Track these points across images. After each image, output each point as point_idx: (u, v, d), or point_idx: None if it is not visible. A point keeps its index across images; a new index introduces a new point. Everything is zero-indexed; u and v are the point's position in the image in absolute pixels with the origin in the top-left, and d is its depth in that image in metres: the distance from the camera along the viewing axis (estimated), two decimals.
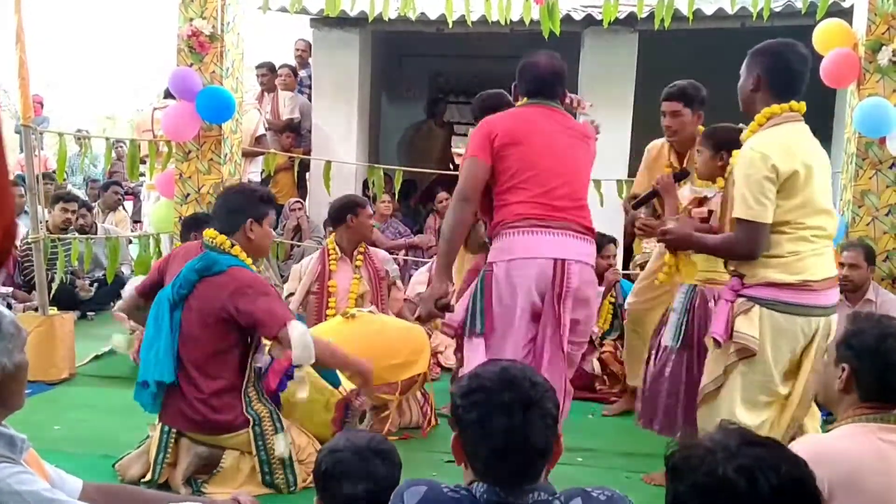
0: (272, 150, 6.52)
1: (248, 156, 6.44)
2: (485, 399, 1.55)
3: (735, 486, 1.25)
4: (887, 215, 4.48)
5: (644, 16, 5.52)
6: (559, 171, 3.04)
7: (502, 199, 3.07)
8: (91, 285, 6.38)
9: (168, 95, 6.38)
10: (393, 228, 7.05)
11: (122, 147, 8.42)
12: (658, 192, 3.38)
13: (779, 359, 2.70)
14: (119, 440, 3.45)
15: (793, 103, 2.75)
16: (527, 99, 3.18)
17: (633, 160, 6.03)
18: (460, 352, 3.45)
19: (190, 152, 5.29)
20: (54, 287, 5.14)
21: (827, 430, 2.05)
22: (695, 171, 3.44)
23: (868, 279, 4.23)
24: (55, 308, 4.84)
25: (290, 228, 6.82)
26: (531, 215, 2.99)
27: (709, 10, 6.53)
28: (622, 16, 6.11)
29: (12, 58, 4.39)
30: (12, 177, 5.11)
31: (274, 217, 3.36)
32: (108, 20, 35.23)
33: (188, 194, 5.31)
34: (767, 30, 5.82)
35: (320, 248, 4.72)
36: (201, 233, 3.43)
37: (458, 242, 3.16)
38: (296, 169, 6.58)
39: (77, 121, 18.55)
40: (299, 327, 3.06)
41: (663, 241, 3.11)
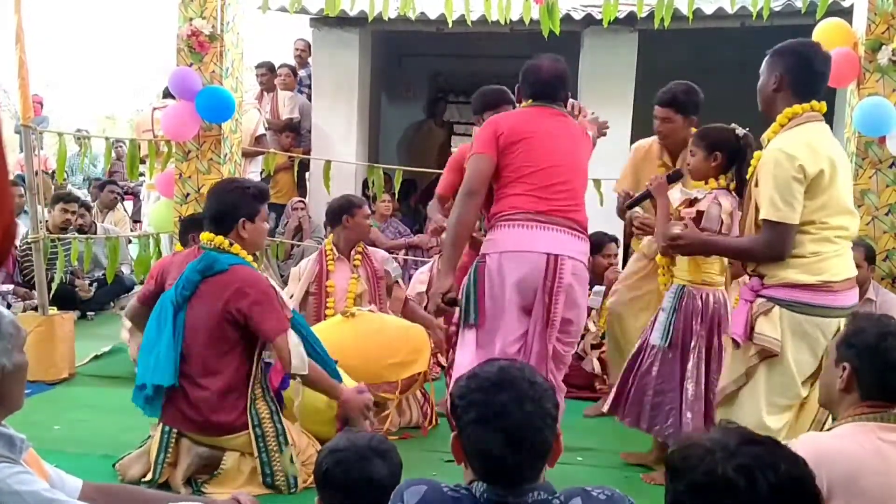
0: (272, 150, 6.52)
1: (248, 155, 6.45)
2: (483, 399, 1.55)
3: (734, 485, 1.25)
4: (887, 215, 4.48)
5: (644, 15, 5.51)
6: (559, 170, 3.07)
7: (501, 192, 3.11)
8: (91, 285, 6.38)
9: (167, 95, 6.38)
10: (393, 228, 7.05)
11: (122, 147, 8.41)
12: (651, 194, 3.37)
13: (799, 360, 2.67)
14: (119, 440, 3.45)
15: (814, 103, 2.73)
16: (530, 101, 3.22)
17: None
18: (453, 350, 3.45)
19: (190, 152, 5.29)
20: (54, 287, 5.14)
21: (827, 429, 2.05)
22: (688, 173, 3.45)
23: (868, 278, 4.22)
24: (55, 308, 4.84)
25: (292, 228, 6.82)
26: (527, 208, 3.02)
27: (708, 9, 6.52)
28: (622, 15, 6.12)
29: (12, 58, 4.39)
30: (12, 177, 5.14)
31: (266, 209, 3.31)
32: (108, 20, 35.27)
33: (188, 194, 5.31)
34: (767, 29, 5.82)
35: (319, 249, 4.72)
36: (199, 233, 3.42)
37: (463, 237, 3.18)
38: (295, 169, 6.59)
39: (77, 121, 18.58)
40: (294, 337, 3.07)
41: (673, 247, 3.06)
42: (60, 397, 4.31)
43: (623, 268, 4.62)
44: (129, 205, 8.97)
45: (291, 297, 4.52)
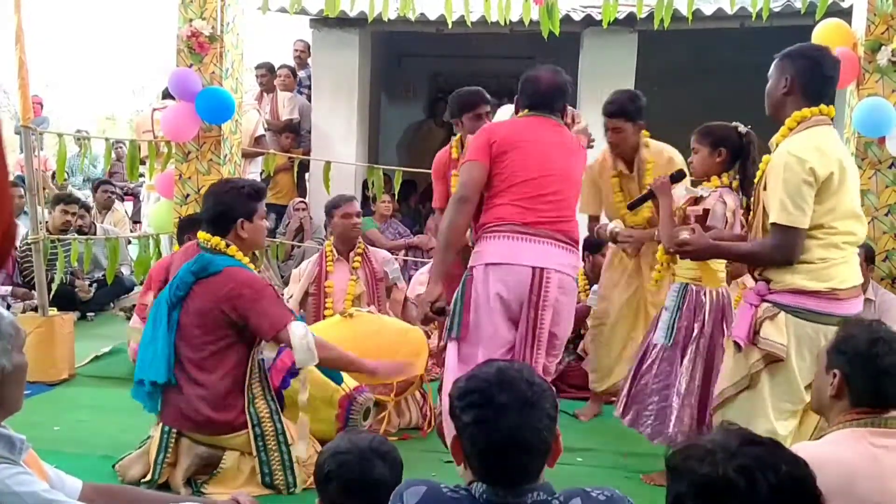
0: (272, 151, 6.52)
1: (248, 156, 6.44)
2: (481, 400, 1.55)
3: (735, 485, 1.25)
4: (886, 215, 4.48)
5: (643, 16, 5.52)
6: (549, 180, 3.04)
7: (490, 202, 3.09)
8: (91, 286, 6.38)
9: (167, 96, 6.38)
10: (393, 229, 7.04)
11: (122, 147, 8.41)
12: (654, 194, 3.36)
13: (803, 367, 2.65)
14: (119, 440, 3.45)
15: (822, 107, 2.69)
16: (527, 111, 3.20)
17: None
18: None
19: (189, 153, 5.29)
20: (54, 288, 5.14)
21: (819, 436, 2.04)
22: (689, 171, 3.45)
23: (868, 279, 4.22)
24: (55, 309, 4.84)
25: (293, 229, 6.81)
26: (513, 220, 2.99)
27: (708, 10, 6.52)
28: (621, 16, 6.12)
29: (12, 58, 4.40)
30: (12, 177, 5.14)
31: (264, 208, 3.31)
32: (108, 20, 35.21)
33: (188, 195, 5.31)
34: (766, 30, 5.83)
35: (320, 250, 4.72)
36: (195, 234, 3.42)
37: (454, 244, 3.15)
38: (295, 170, 6.58)
39: (77, 121, 18.57)
40: (300, 329, 3.05)
41: (681, 252, 3.00)
42: (60, 398, 4.31)
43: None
44: (129, 205, 8.96)
45: (291, 297, 4.53)
